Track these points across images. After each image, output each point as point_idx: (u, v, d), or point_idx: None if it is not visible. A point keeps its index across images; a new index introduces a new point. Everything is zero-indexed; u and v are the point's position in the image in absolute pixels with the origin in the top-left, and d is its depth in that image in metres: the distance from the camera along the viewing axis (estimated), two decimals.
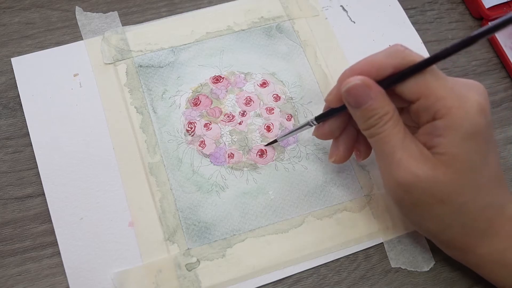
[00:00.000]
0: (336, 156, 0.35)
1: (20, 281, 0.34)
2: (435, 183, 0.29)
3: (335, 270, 0.36)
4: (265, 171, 0.38)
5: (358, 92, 0.30)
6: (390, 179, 0.31)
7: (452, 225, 0.31)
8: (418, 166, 0.29)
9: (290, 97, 0.41)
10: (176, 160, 0.38)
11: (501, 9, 0.46)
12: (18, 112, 0.39)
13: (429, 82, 0.29)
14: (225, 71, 0.41)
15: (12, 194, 0.37)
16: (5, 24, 0.42)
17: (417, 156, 0.30)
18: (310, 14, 0.44)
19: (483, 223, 0.31)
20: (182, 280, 0.35)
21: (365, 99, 0.30)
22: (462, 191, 0.30)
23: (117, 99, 0.40)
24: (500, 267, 0.32)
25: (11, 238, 0.35)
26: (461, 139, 0.29)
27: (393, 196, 0.32)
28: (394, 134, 0.30)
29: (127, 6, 0.44)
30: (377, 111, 0.30)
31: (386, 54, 0.31)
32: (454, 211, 0.30)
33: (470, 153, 0.29)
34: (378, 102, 0.30)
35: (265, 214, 0.37)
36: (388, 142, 0.30)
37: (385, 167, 0.31)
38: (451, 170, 0.29)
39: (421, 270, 0.37)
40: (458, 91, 0.29)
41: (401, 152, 0.30)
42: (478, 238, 0.32)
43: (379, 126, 0.30)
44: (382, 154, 0.31)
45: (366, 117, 0.30)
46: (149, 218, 0.36)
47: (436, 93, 0.29)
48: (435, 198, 0.30)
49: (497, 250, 0.32)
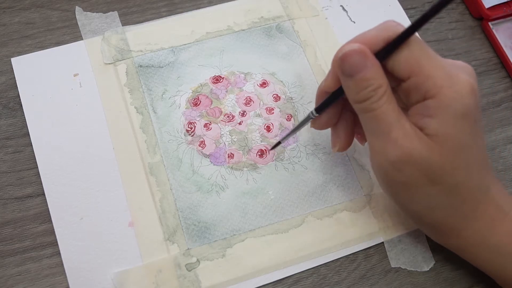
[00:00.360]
0: (339, 143, 0.35)
1: (20, 281, 0.34)
2: (428, 163, 0.29)
3: (335, 270, 0.36)
4: (265, 171, 0.38)
5: (353, 59, 0.29)
6: (383, 157, 0.30)
7: (440, 206, 0.31)
8: (413, 145, 0.29)
9: (290, 97, 0.41)
10: (176, 160, 0.38)
11: (501, 9, 0.46)
12: (18, 112, 0.39)
13: (420, 60, 0.29)
14: (225, 71, 0.41)
15: (12, 194, 0.37)
16: (5, 24, 0.42)
17: (412, 135, 0.29)
18: (310, 14, 0.44)
19: (470, 205, 0.31)
20: (182, 280, 0.35)
21: (360, 66, 0.29)
22: (454, 172, 0.30)
23: (117, 99, 0.40)
24: (483, 250, 0.32)
25: (11, 238, 0.35)
26: (452, 119, 0.29)
27: (383, 175, 0.31)
28: (390, 111, 0.29)
29: (127, 6, 0.44)
30: (371, 81, 0.29)
31: (377, 29, 0.30)
32: (444, 192, 0.30)
33: (462, 134, 0.29)
34: (373, 72, 0.29)
35: (265, 214, 0.37)
36: (384, 120, 0.29)
37: (378, 144, 0.30)
38: (444, 150, 0.29)
39: (421, 270, 0.37)
40: (449, 71, 0.29)
41: (397, 130, 0.29)
42: (463, 221, 0.32)
43: (374, 100, 0.29)
44: (376, 131, 0.30)
45: (360, 87, 0.29)
46: (149, 218, 0.36)
47: (427, 71, 0.29)
48: (427, 179, 0.30)
49: (480, 232, 0.32)
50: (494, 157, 0.41)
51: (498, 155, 0.42)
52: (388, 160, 0.30)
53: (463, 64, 0.31)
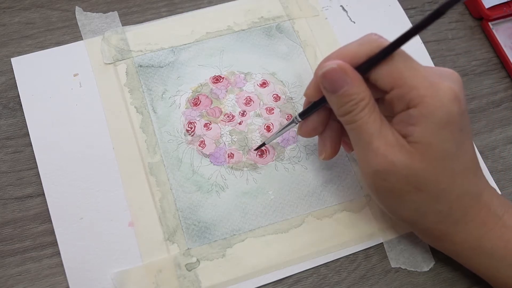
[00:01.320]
0: (325, 152, 0.35)
1: (20, 281, 0.34)
2: (411, 170, 0.30)
3: (335, 270, 0.36)
4: (265, 171, 0.38)
5: (334, 77, 0.30)
6: (367, 166, 0.31)
7: (428, 212, 0.31)
8: (394, 154, 0.29)
9: (290, 97, 0.41)
10: (176, 160, 0.38)
11: (501, 9, 0.46)
12: (18, 112, 0.39)
13: (402, 72, 0.29)
14: (225, 71, 0.41)
15: (12, 194, 0.37)
16: (5, 24, 0.42)
17: (394, 144, 0.30)
18: (310, 14, 0.44)
19: (459, 211, 0.31)
20: (182, 280, 0.35)
21: (341, 83, 0.30)
22: (438, 179, 0.30)
23: (117, 99, 0.40)
24: (477, 254, 0.32)
25: (11, 238, 0.35)
26: (434, 128, 0.29)
27: (370, 184, 0.32)
28: (371, 122, 0.30)
29: (127, 6, 0.44)
30: (353, 96, 0.30)
31: (359, 42, 0.31)
32: (431, 199, 0.31)
33: (444, 142, 0.29)
34: (355, 88, 0.30)
35: (265, 214, 0.37)
36: (365, 130, 0.30)
37: (362, 154, 0.31)
38: (426, 158, 0.29)
39: (421, 270, 0.37)
40: (432, 79, 0.29)
41: (378, 140, 0.30)
42: (454, 226, 0.32)
43: (355, 113, 0.30)
44: (359, 141, 0.31)
45: (342, 102, 0.30)
46: (149, 218, 0.36)
47: (409, 82, 0.29)
48: (411, 186, 0.30)
49: (473, 237, 0.32)
50: (494, 157, 0.41)
51: (498, 155, 0.42)
52: (372, 169, 0.30)
53: (449, 71, 0.31)
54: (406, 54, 0.30)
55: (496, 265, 0.32)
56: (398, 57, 0.29)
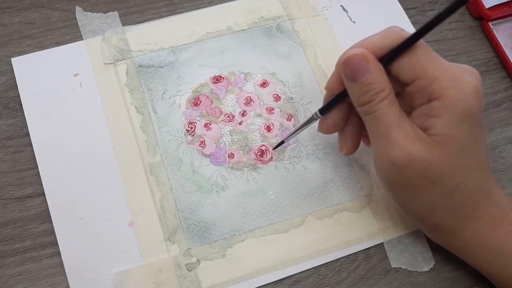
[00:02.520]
0: (346, 147, 0.35)
1: (20, 281, 0.34)
2: (429, 164, 0.30)
3: (335, 270, 0.36)
4: (265, 171, 0.38)
5: (356, 64, 0.30)
6: (384, 158, 0.31)
7: (441, 207, 0.31)
8: (413, 147, 0.29)
9: (290, 97, 0.41)
10: (176, 160, 0.38)
11: (501, 9, 0.46)
12: (18, 112, 0.39)
13: (424, 63, 0.29)
14: (225, 71, 0.41)
15: (12, 194, 0.37)
16: (5, 24, 0.42)
17: (413, 137, 0.30)
18: (310, 14, 0.44)
19: (470, 206, 0.31)
20: (182, 280, 0.35)
21: (363, 71, 0.30)
22: (454, 173, 0.30)
23: (117, 99, 0.40)
24: (483, 251, 0.33)
25: (11, 238, 0.35)
26: (456, 120, 0.29)
27: (385, 177, 0.32)
28: (391, 113, 0.30)
29: (127, 6, 0.44)
30: (373, 86, 0.30)
31: (382, 34, 0.31)
32: (445, 193, 0.31)
33: (465, 135, 0.30)
34: (376, 77, 0.30)
35: (265, 214, 0.37)
36: (384, 121, 0.30)
37: (379, 146, 0.31)
38: (446, 151, 0.29)
39: (421, 270, 0.37)
40: (454, 72, 0.29)
41: (397, 132, 0.30)
42: (464, 221, 0.32)
43: (375, 103, 0.30)
44: (377, 133, 0.31)
45: (362, 91, 0.30)
46: (149, 218, 0.36)
47: (431, 73, 0.29)
48: (428, 180, 0.30)
49: (480, 233, 0.32)
50: (494, 157, 0.41)
51: (498, 155, 0.42)
52: (389, 161, 0.30)
53: (468, 67, 0.31)
54: (427, 46, 0.30)
55: (501, 262, 0.32)
56: (419, 49, 0.30)
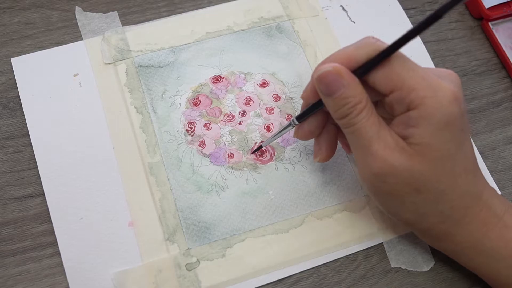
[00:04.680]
0: (320, 155, 0.35)
1: (20, 281, 0.34)
2: (411, 172, 0.30)
3: (335, 270, 0.36)
4: (265, 171, 0.38)
5: (329, 79, 0.30)
6: (366, 169, 0.31)
7: (429, 213, 0.31)
8: (394, 157, 0.29)
9: (290, 97, 0.41)
10: (176, 160, 0.38)
11: (501, 9, 0.46)
12: (18, 112, 0.39)
13: (401, 74, 0.29)
14: (225, 71, 0.41)
15: (12, 194, 0.37)
16: (5, 24, 0.42)
17: (393, 147, 0.30)
18: (310, 14, 0.44)
19: (460, 211, 0.31)
20: (182, 280, 0.35)
21: (337, 86, 0.30)
22: (438, 180, 0.30)
23: (117, 99, 0.40)
24: (477, 254, 0.33)
25: (11, 238, 0.35)
26: (435, 129, 0.29)
27: (369, 186, 0.32)
28: (369, 125, 0.30)
29: (127, 6, 0.44)
30: (349, 99, 0.30)
31: (356, 45, 0.31)
32: (431, 200, 0.31)
33: (445, 143, 0.29)
34: (351, 90, 0.30)
35: (265, 214, 0.37)
36: (364, 134, 0.30)
37: (361, 158, 0.31)
38: (427, 160, 0.29)
39: (421, 270, 0.37)
40: (431, 81, 0.29)
41: (377, 143, 0.30)
42: (455, 226, 0.32)
43: (353, 116, 0.30)
44: (358, 145, 0.31)
45: (338, 105, 0.30)
46: (149, 218, 0.36)
47: (408, 84, 0.29)
48: (411, 187, 0.30)
49: (473, 237, 0.32)
50: (494, 157, 0.41)
51: (498, 155, 0.42)
52: (371, 172, 0.30)
53: (446, 71, 0.31)
54: (404, 56, 0.30)
55: (496, 265, 0.32)
56: (396, 60, 0.29)
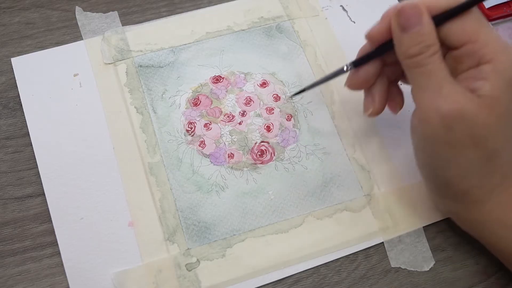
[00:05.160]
0: (373, 107, 0.35)
1: (20, 281, 0.34)
2: (477, 121, 0.30)
3: (335, 270, 0.36)
4: (265, 171, 0.38)
5: (410, 13, 0.30)
6: (433, 112, 0.30)
7: (473, 173, 0.31)
8: (466, 102, 0.30)
9: (290, 97, 0.41)
10: (176, 160, 0.38)
11: (501, 9, 0.46)
12: (18, 112, 0.39)
13: (477, 28, 0.30)
14: (225, 71, 0.41)
15: (12, 194, 0.37)
16: (5, 24, 0.42)
17: (464, 94, 0.30)
18: (310, 14, 0.44)
19: (500, 178, 0.32)
20: (182, 280, 0.35)
21: (416, 21, 0.30)
22: (497, 137, 0.30)
23: (117, 99, 0.40)
24: (501, 228, 0.32)
25: (11, 238, 0.36)
26: (506, 84, 0.30)
27: (430, 132, 0.31)
28: (442, 68, 0.30)
29: (127, 6, 0.44)
30: (425, 37, 0.30)
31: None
32: (483, 158, 0.31)
33: (510, 100, 0.30)
34: (428, 30, 0.30)
35: (265, 214, 0.37)
36: (436, 75, 0.30)
37: (428, 99, 0.30)
38: (493, 113, 0.30)
39: (421, 270, 0.37)
40: (504, 40, 0.30)
41: (449, 87, 0.30)
42: (489, 193, 0.32)
43: (427, 55, 0.30)
44: (427, 86, 0.30)
45: (413, 41, 0.30)
46: (149, 218, 0.36)
47: (483, 38, 0.30)
48: (472, 140, 0.30)
49: (502, 208, 0.32)
50: None
51: None
52: (440, 115, 0.30)
53: None
54: (479, 12, 0.30)
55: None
56: (472, 14, 0.30)
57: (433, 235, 0.38)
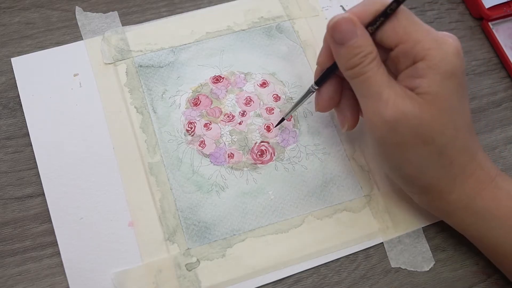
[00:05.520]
0: (347, 122, 0.36)
1: (20, 281, 0.34)
2: (420, 120, 0.30)
3: (335, 270, 0.36)
4: (265, 171, 0.38)
5: (344, 27, 0.31)
6: (377, 118, 0.31)
7: (430, 167, 0.32)
8: (405, 104, 0.30)
9: (290, 97, 0.41)
10: (176, 160, 0.38)
11: (501, 9, 0.46)
12: (18, 112, 0.39)
13: (407, 27, 0.31)
14: (225, 71, 0.41)
15: (12, 194, 0.37)
16: (5, 24, 0.42)
17: (403, 95, 0.30)
18: (310, 14, 0.44)
19: (458, 167, 0.32)
20: (182, 280, 0.35)
21: (351, 35, 0.31)
22: (443, 131, 0.31)
23: (117, 99, 0.40)
24: (470, 214, 0.33)
25: (11, 238, 0.35)
26: (441, 78, 0.30)
27: (378, 137, 0.32)
28: (380, 74, 0.31)
29: (127, 6, 0.44)
30: (361, 48, 0.31)
31: (363, 3, 0.32)
32: (434, 153, 0.31)
33: (450, 93, 0.31)
34: (363, 40, 0.31)
35: (265, 214, 0.37)
36: (375, 82, 0.31)
37: (370, 106, 0.31)
38: (434, 109, 0.30)
39: (421, 270, 0.37)
40: (435, 34, 0.31)
41: (388, 91, 0.30)
42: (451, 183, 0.33)
43: (364, 64, 0.31)
44: (368, 94, 0.31)
45: (350, 54, 0.31)
46: (149, 218, 0.36)
47: (414, 36, 0.30)
48: (419, 138, 0.31)
49: (467, 196, 0.33)
50: (494, 157, 0.41)
51: (498, 155, 0.42)
52: (382, 120, 0.31)
53: (447, 33, 0.32)
54: (408, 11, 0.31)
55: (487, 225, 0.33)
56: (401, 14, 0.31)
57: (433, 235, 0.38)
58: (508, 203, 0.33)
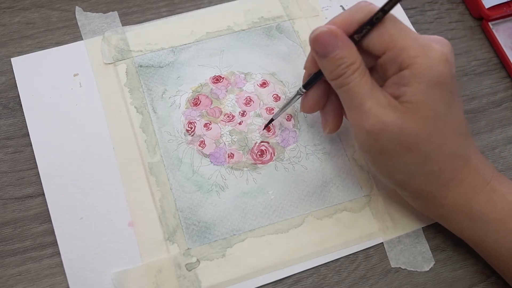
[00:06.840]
0: (329, 125, 0.36)
1: (20, 281, 0.34)
2: (402, 130, 0.30)
3: (335, 270, 0.36)
4: (265, 171, 0.38)
5: (324, 40, 0.31)
6: (360, 128, 0.31)
7: (419, 174, 0.32)
8: (386, 114, 0.30)
9: (290, 97, 0.41)
10: (176, 160, 0.38)
11: (501, 9, 0.46)
12: (18, 112, 0.39)
13: (393, 35, 0.30)
14: (225, 71, 0.42)
15: (12, 194, 0.37)
16: (5, 24, 0.42)
17: (386, 105, 0.30)
18: (310, 14, 0.44)
19: (448, 173, 0.32)
20: (182, 280, 0.35)
21: (332, 47, 0.31)
22: (429, 139, 0.31)
23: (117, 99, 0.40)
24: (465, 218, 0.33)
25: (11, 238, 0.36)
26: (426, 87, 0.30)
27: (363, 145, 0.32)
28: (363, 84, 0.31)
29: (127, 6, 0.44)
30: (344, 59, 0.31)
31: (350, 11, 0.32)
32: (421, 159, 0.31)
33: (435, 101, 0.30)
34: (345, 51, 0.31)
35: (265, 214, 0.37)
36: (357, 92, 0.31)
37: (354, 116, 0.32)
38: (418, 117, 0.30)
39: (421, 270, 0.37)
40: (422, 42, 0.30)
41: (370, 102, 0.30)
42: (444, 188, 0.32)
43: (347, 75, 0.31)
44: (351, 104, 0.32)
45: (333, 65, 0.31)
46: (149, 218, 0.36)
47: (400, 44, 0.30)
48: (403, 146, 0.31)
49: (461, 200, 0.33)
50: (494, 157, 0.41)
51: (498, 155, 0.42)
52: (365, 130, 0.31)
53: (437, 37, 0.32)
54: (395, 18, 0.31)
55: (482, 229, 0.33)
56: (388, 22, 0.31)
57: (433, 235, 0.38)
58: (503, 206, 0.32)
